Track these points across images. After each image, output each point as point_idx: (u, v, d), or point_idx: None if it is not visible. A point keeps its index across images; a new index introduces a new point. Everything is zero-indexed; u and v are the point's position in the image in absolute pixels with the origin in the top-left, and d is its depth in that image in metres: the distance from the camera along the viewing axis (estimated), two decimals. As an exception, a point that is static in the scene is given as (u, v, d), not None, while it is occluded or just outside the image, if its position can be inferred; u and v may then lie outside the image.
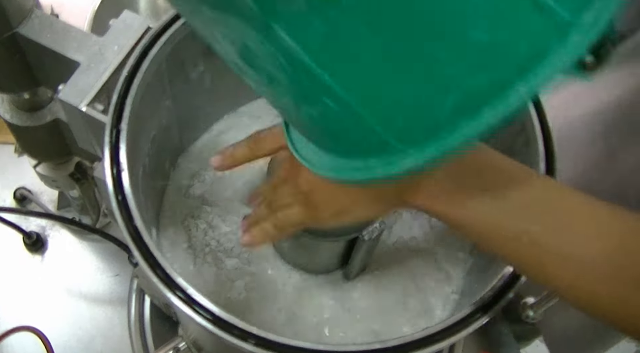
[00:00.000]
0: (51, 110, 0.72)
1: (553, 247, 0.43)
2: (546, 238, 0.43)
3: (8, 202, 0.97)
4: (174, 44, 0.63)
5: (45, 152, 0.79)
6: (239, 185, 0.78)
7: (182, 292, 0.51)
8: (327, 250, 0.70)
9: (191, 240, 0.74)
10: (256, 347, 0.49)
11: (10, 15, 0.59)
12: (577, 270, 0.43)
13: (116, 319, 0.90)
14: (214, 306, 0.51)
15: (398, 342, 0.51)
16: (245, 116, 0.83)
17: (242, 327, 0.50)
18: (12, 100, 0.71)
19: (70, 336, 0.89)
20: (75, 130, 0.66)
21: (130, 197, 0.55)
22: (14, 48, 0.62)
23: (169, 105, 0.69)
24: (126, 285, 0.89)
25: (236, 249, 0.74)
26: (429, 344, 0.51)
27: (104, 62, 0.61)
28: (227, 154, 0.59)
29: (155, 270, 0.52)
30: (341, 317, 0.71)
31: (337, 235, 0.63)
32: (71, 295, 0.92)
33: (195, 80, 0.71)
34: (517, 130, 0.64)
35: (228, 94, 0.79)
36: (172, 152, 0.77)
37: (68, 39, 0.62)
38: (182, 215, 0.76)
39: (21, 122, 0.71)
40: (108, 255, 0.94)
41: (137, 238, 0.53)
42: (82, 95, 0.59)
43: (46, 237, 0.95)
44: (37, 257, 0.94)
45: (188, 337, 0.70)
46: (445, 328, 0.52)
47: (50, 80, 0.66)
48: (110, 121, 0.57)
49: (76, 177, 0.82)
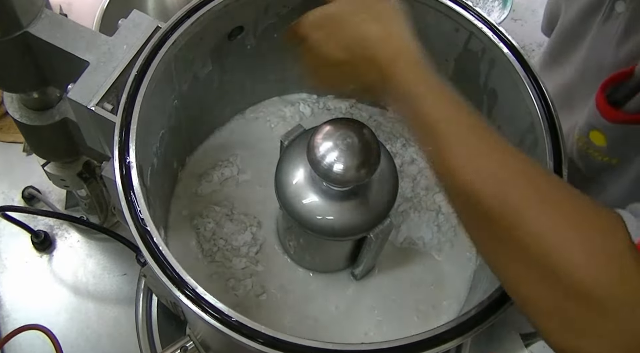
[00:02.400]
0: (60, 109, 0.72)
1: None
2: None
3: (16, 201, 0.97)
4: (183, 43, 0.63)
5: (54, 151, 0.79)
6: (246, 185, 0.79)
7: (191, 291, 0.51)
8: (336, 250, 0.70)
9: (199, 239, 0.74)
10: (264, 346, 0.49)
11: (20, 14, 0.59)
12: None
13: (124, 318, 0.90)
14: (222, 305, 0.51)
15: (406, 341, 0.51)
16: (252, 116, 0.83)
17: (250, 325, 0.50)
18: (22, 100, 0.71)
19: (78, 335, 0.89)
20: (84, 130, 0.66)
21: (139, 196, 0.55)
22: (24, 47, 0.62)
23: (177, 104, 0.69)
24: (134, 284, 0.89)
25: (244, 249, 0.74)
26: (437, 344, 0.51)
27: (113, 62, 0.61)
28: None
29: (164, 268, 0.52)
30: (349, 316, 0.71)
31: (345, 235, 0.63)
32: (79, 294, 0.92)
33: (204, 80, 0.72)
34: (525, 129, 0.64)
35: (236, 94, 0.79)
36: (180, 152, 0.77)
37: (77, 38, 0.62)
38: (191, 215, 0.76)
39: (30, 121, 0.71)
40: (115, 254, 0.95)
41: (146, 237, 0.53)
42: (91, 94, 0.60)
43: (54, 236, 0.95)
44: (45, 256, 0.94)
45: (195, 336, 0.70)
46: (452, 329, 0.52)
47: (59, 80, 0.66)
48: (119, 120, 0.57)
49: (84, 176, 0.83)
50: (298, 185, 0.63)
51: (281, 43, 0.74)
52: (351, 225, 0.62)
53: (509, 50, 0.64)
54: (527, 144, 0.65)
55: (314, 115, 0.84)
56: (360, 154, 0.57)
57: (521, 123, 0.65)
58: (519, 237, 0.44)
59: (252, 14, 0.69)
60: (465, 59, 0.70)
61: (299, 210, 0.63)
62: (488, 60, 0.67)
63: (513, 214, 0.45)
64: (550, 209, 0.45)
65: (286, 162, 0.64)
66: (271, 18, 0.71)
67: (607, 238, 0.43)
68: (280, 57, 0.77)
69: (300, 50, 0.61)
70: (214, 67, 0.71)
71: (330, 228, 0.62)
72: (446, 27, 0.68)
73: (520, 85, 0.63)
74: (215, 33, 0.67)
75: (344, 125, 0.58)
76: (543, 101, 0.62)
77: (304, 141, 0.61)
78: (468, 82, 0.71)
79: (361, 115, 0.85)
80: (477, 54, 0.68)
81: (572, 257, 0.42)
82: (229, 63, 0.73)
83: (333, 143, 0.57)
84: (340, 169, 0.57)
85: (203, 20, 0.64)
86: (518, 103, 0.64)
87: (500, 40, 0.65)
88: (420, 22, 0.70)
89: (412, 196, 0.78)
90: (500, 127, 0.70)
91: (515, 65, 0.63)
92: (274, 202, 0.66)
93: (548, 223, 0.44)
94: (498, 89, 0.68)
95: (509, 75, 0.64)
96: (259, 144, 0.81)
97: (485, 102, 0.71)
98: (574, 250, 0.43)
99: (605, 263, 0.42)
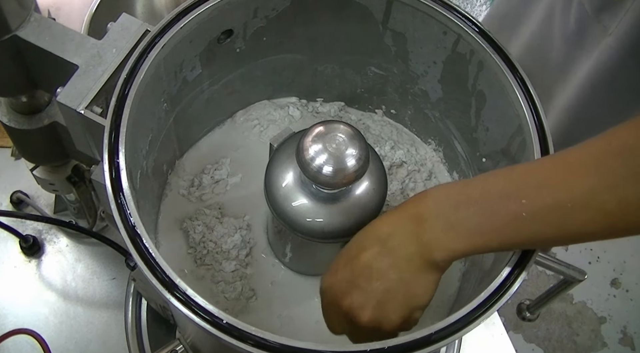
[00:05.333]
0: (48, 113, 0.72)
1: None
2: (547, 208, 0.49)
3: (4, 206, 0.97)
4: (172, 47, 0.63)
5: (43, 155, 0.79)
6: (236, 188, 0.79)
7: (182, 293, 0.51)
8: (326, 253, 0.70)
9: (189, 242, 0.74)
10: (255, 348, 0.49)
11: (8, 18, 0.59)
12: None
13: (113, 323, 0.90)
14: (213, 307, 0.51)
15: (397, 341, 0.51)
16: (242, 120, 0.83)
17: (241, 327, 0.50)
18: (10, 103, 0.71)
19: (67, 339, 0.88)
20: (74, 133, 0.66)
21: (128, 199, 0.55)
22: (13, 51, 0.62)
23: (167, 108, 0.69)
24: (123, 288, 0.89)
25: (234, 251, 0.74)
26: (428, 344, 0.52)
27: (102, 65, 0.61)
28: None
29: (154, 271, 0.52)
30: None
31: (335, 237, 0.63)
32: (68, 299, 0.91)
33: (193, 83, 0.72)
34: (513, 131, 0.65)
35: (226, 97, 0.79)
36: (170, 155, 0.77)
37: (66, 42, 0.62)
38: (181, 218, 0.76)
39: (18, 125, 0.71)
40: (105, 258, 0.94)
41: (136, 240, 0.53)
42: (81, 97, 0.59)
43: (43, 241, 0.95)
44: (34, 260, 0.94)
45: (185, 339, 0.70)
46: (442, 329, 0.53)
47: (48, 83, 0.66)
48: (108, 124, 0.57)
49: (73, 180, 0.82)
50: (287, 187, 0.63)
51: (270, 46, 0.75)
52: (341, 227, 0.63)
53: (497, 53, 0.65)
54: (515, 145, 0.65)
55: (303, 118, 0.84)
56: (349, 157, 0.57)
57: (509, 125, 0.65)
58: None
59: (242, 17, 0.69)
60: (454, 62, 0.71)
61: (288, 212, 0.63)
62: (476, 63, 0.68)
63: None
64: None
65: (276, 165, 0.64)
66: (260, 21, 0.71)
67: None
68: (270, 60, 0.78)
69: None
70: (204, 71, 0.72)
71: (320, 231, 0.63)
72: (434, 29, 0.69)
73: (508, 87, 0.64)
74: (204, 36, 0.67)
75: (333, 128, 0.58)
76: (531, 103, 0.63)
77: (294, 144, 0.61)
78: (456, 84, 0.72)
79: (350, 118, 0.85)
80: (465, 57, 0.68)
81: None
82: (219, 66, 0.73)
83: (322, 145, 0.57)
84: (330, 171, 0.57)
85: (192, 24, 0.64)
86: (506, 105, 0.65)
87: (488, 43, 0.65)
88: (409, 25, 0.71)
89: (400, 198, 0.78)
90: (488, 129, 0.71)
91: (503, 67, 0.64)
92: (263, 205, 0.66)
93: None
94: (486, 92, 0.69)
95: (497, 77, 0.65)
96: (248, 147, 0.81)
97: (473, 104, 0.71)
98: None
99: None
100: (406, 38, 0.73)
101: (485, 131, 0.71)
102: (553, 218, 0.49)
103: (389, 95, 0.82)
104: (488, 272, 0.63)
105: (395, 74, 0.78)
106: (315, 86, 0.84)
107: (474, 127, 0.73)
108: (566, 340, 1.85)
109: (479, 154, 0.73)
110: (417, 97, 0.79)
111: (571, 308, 1.89)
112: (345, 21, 0.73)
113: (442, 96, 0.76)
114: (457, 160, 0.79)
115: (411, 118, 0.83)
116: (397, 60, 0.76)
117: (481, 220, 0.51)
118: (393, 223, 0.56)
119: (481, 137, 0.72)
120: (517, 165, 0.56)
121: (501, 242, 0.52)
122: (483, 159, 0.73)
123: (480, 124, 0.72)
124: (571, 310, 1.89)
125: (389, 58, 0.77)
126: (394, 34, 0.73)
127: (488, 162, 0.72)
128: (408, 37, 0.72)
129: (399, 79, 0.79)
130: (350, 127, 0.59)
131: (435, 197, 0.54)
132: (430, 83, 0.76)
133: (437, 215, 0.53)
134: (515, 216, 0.50)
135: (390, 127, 0.85)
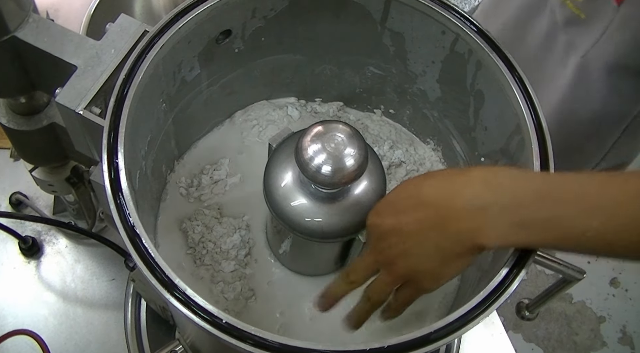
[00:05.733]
0: (47, 114, 0.72)
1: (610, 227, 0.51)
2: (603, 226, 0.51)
3: (3, 207, 0.97)
4: (170, 47, 0.63)
5: (42, 156, 0.79)
6: (235, 188, 0.79)
7: (181, 293, 0.51)
8: (325, 252, 0.70)
9: (188, 242, 0.74)
10: (254, 348, 0.50)
11: (7, 19, 0.59)
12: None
13: (112, 323, 0.90)
14: (212, 307, 0.51)
15: (396, 341, 0.51)
16: (241, 120, 0.83)
17: (240, 327, 0.50)
18: (9, 104, 0.71)
19: (66, 340, 0.88)
20: (72, 134, 0.66)
21: (128, 199, 0.55)
22: (11, 52, 0.62)
23: (165, 108, 0.69)
24: (122, 289, 0.89)
25: (233, 252, 0.74)
26: (427, 343, 0.52)
27: (100, 66, 0.61)
28: (329, 295, 0.64)
29: (154, 271, 0.52)
30: (338, 317, 0.71)
31: (334, 236, 0.63)
32: (67, 300, 0.91)
33: (192, 83, 0.72)
34: (512, 130, 0.65)
35: (224, 97, 0.79)
36: (169, 155, 0.77)
37: (65, 42, 0.62)
38: (180, 218, 0.76)
39: (17, 126, 0.71)
40: (104, 259, 0.94)
41: (135, 240, 0.53)
42: (79, 98, 0.59)
43: (42, 242, 0.95)
44: (33, 261, 0.94)
45: (185, 340, 0.70)
46: (442, 328, 0.53)
47: (47, 84, 0.66)
48: (107, 124, 0.57)
49: (72, 181, 0.82)
50: (286, 187, 0.63)
51: (269, 46, 0.75)
52: (340, 227, 0.63)
53: (495, 52, 0.65)
54: (514, 145, 0.65)
55: (302, 118, 0.84)
56: (348, 156, 0.57)
57: (508, 124, 0.65)
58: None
59: (240, 17, 0.69)
60: (452, 61, 0.71)
61: (287, 212, 0.63)
62: (474, 63, 0.68)
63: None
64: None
65: (275, 164, 0.64)
66: (259, 22, 0.71)
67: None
68: (268, 60, 0.78)
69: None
70: (202, 71, 0.72)
71: (319, 230, 0.63)
72: (432, 29, 0.69)
73: (507, 87, 0.64)
74: (203, 37, 0.67)
75: (332, 128, 0.58)
76: (529, 102, 0.63)
77: (292, 144, 0.61)
78: (455, 84, 0.72)
79: (349, 118, 0.85)
80: (463, 56, 0.69)
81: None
82: (217, 67, 0.73)
83: (321, 145, 0.57)
84: (328, 171, 0.57)
85: (191, 24, 0.64)
86: (505, 105, 0.65)
87: (486, 43, 0.65)
88: (407, 25, 0.71)
89: (400, 198, 0.78)
90: (487, 128, 0.71)
91: (502, 67, 0.64)
92: (262, 205, 0.66)
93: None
94: (485, 91, 0.69)
95: (496, 77, 0.65)
96: (247, 147, 0.81)
97: (472, 104, 0.71)
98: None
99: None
100: (404, 38, 0.73)
101: (484, 130, 0.71)
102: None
103: (387, 95, 0.82)
104: (487, 271, 0.63)
105: (393, 74, 0.78)
106: (314, 86, 0.84)
107: (472, 127, 0.73)
108: (565, 340, 1.85)
109: (478, 153, 0.74)
110: (416, 96, 0.79)
111: (570, 308, 1.89)
112: (343, 21, 0.73)
113: (440, 96, 0.76)
114: (455, 160, 0.79)
115: (410, 118, 0.84)
116: (395, 60, 0.76)
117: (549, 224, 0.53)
118: (458, 191, 0.56)
119: (480, 137, 0.73)
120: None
121: (555, 245, 0.54)
122: (482, 158, 0.73)
123: (479, 124, 0.72)
124: (570, 309, 1.89)
125: (387, 58, 0.77)
126: (392, 34, 0.73)
127: (487, 161, 0.72)
128: (406, 36, 0.72)
129: (397, 78, 0.79)
130: (349, 127, 0.59)
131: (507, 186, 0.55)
132: (428, 83, 0.76)
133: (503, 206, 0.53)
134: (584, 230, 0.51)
135: (389, 126, 0.85)
